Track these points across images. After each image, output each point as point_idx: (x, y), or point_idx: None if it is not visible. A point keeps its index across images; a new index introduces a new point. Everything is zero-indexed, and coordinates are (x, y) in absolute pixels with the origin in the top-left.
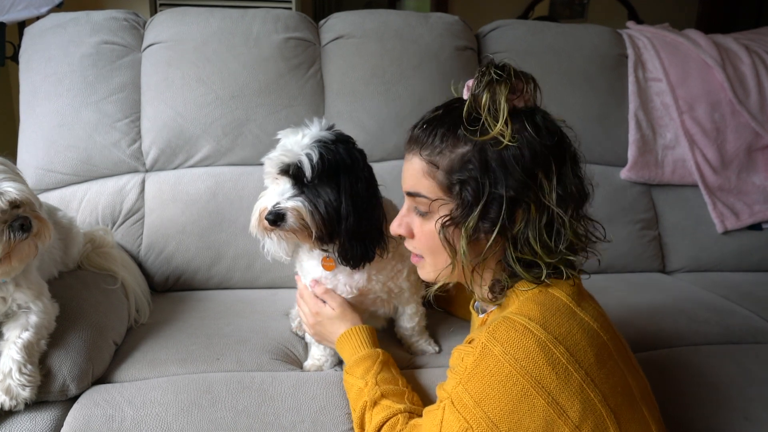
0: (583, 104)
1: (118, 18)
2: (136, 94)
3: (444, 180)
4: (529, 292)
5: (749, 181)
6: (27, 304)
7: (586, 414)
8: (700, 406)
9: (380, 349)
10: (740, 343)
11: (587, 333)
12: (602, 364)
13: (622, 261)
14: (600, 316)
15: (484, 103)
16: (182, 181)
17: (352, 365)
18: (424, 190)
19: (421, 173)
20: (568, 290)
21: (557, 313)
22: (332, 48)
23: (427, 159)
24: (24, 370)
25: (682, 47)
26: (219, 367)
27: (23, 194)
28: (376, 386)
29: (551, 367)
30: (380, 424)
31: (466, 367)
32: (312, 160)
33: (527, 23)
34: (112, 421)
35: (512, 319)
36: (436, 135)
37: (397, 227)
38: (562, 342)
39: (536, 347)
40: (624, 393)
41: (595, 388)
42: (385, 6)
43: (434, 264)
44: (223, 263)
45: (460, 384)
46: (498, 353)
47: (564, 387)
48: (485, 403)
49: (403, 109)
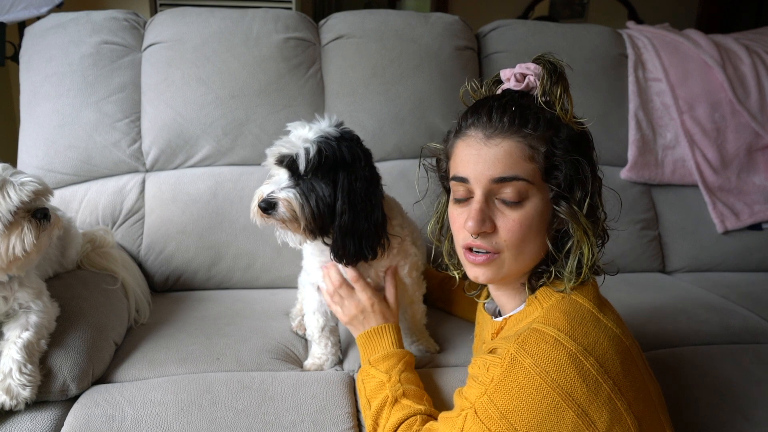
0: (583, 104)
1: (118, 18)
2: (136, 94)
3: (544, 162)
4: (553, 299)
5: (749, 181)
6: (27, 304)
7: (613, 424)
8: (700, 406)
9: (406, 350)
10: (740, 343)
11: (612, 341)
12: (627, 371)
13: (622, 261)
14: (619, 319)
15: (558, 93)
16: (182, 181)
17: (378, 359)
18: (523, 173)
19: (520, 156)
20: (590, 296)
21: (583, 322)
22: (332, 48)
23: (526, 143)
24: (24, 369)
25: (682, 47)
26: (219, 367)
27: (42, 185)
28: (399, 384)
29: (582, 379)
30: (399, 423)
31: (493, 378)
32: (309, 154)
33: (527, 23)
34: (112, 421)
35: (542, 331)
36: (528, 121)
37: (481, 224)
38: (591, 353)
39: (567, 360)
40: (645, 399)
41: (621, 397)
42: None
43: (517, 256)
44: (223, 263)
45: (485, 395)
46: (528, 365)
47: (594, 398)
48: (512, 415)
49: (403, 109)
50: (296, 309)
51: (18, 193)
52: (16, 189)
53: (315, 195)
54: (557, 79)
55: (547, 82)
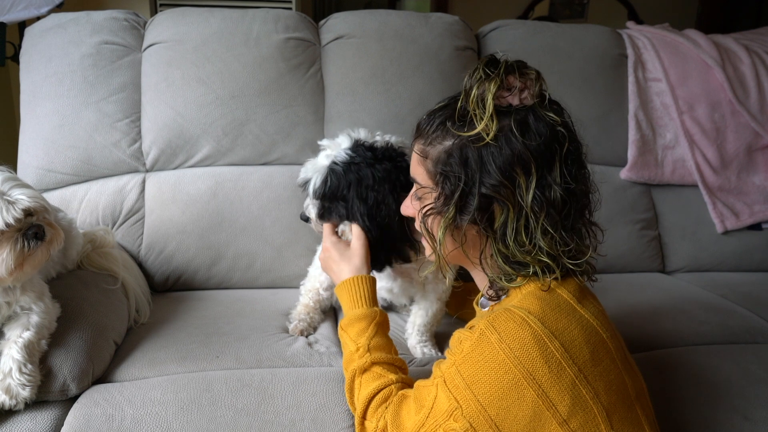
0: (583, 104)
1: (118, 18)
2: (136, 94)
3: (431, 169)
4: (531, 286)
5: (749, 181)
6: (29, 305)
7: (576, 409)
8: (700, 406)
9: (377, 308)
10: (740, 343)
11: (585, 330)
12: (598, 361)
13: (622, 261)
14: (601, 314)
15: (472, 99)
16: (182, 181)
17: (347, 323)
18: (418, 177)
19: (417, 161)
20: (570, 287)
21: (557, 309)
22: (332, 48)
23: (420, 148)
24: (24, 369)
25: (682, 47)
26: (218, 365)
27: (36, 202)
28: (368, 353)
29: (544, 360)
30: (372, 395)
31: (463, 350)
32: (315, 184)
33: (527, 23)
34: (112, 421)
35: (512, 311)
36: (432, 125)
37: (405, 208)
38: (558, 337)
39: (532, 340)
40: (619, 392)
41: (588, 385)
42: (385, 6)
43: (429, 246)
44: (223, 263)
45: (454, 365)
46: (494, 341)
47: (556, 381)
48: (476, 386)
49: (403, 109)
50: (296, 311)
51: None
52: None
53: (335, 213)
54: (476, 82)
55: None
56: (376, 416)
